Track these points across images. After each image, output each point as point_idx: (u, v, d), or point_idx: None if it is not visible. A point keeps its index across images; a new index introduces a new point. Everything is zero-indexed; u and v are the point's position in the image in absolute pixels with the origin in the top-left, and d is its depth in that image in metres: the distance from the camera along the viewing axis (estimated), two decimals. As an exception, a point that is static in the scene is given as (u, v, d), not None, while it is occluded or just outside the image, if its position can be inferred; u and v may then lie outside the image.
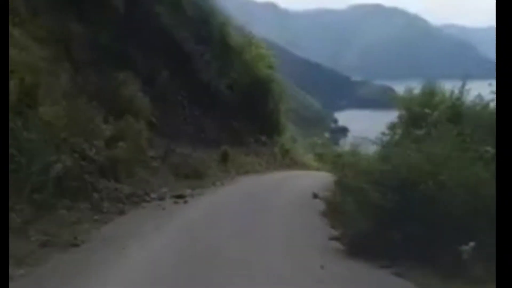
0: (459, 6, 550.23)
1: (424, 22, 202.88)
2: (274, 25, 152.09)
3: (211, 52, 19.20)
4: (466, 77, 10.39)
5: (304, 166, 21.49)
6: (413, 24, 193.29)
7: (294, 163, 21.12)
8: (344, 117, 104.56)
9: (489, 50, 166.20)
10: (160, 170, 11.99)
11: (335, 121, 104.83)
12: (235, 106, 19.60)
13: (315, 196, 11.26)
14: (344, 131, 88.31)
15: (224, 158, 16.22)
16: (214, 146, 16.53)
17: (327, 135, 60.22)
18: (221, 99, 18.78)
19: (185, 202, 10.31)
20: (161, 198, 10.34)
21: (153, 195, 10.32)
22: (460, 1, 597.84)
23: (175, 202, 10.13)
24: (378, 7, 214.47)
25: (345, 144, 38.97)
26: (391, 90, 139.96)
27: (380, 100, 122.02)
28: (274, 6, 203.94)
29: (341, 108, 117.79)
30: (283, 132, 23.64)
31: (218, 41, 20.11)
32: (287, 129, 24.76)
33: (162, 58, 16.53)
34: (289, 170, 18.95)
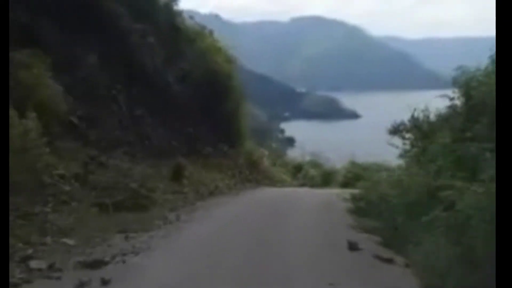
0: (398, 19, 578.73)
1: (363, 33, 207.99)
2: (218, 36, 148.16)
3: (155, 35, 14.63)
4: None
5: (277, 182, 17.25)
6: (352, 36, 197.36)
7: (264, 178, 16.82)
8: (290, 128, 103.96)
9: (427, 61, 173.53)
10: (74, 199, 7.07)
11: (282, 131, 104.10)
12: (188, 105, 15.08)
13: (352, 247, 6.40)
14: (291, 141, 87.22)
15: (178, 174, 11.69)
16: (163, 157, 12.13)
17: (274, 145, 58.17)
18: (170, 95, 14.22)
19: (105, 283, 4.81)
20: (53, 272, 4.98)
21: (36, 264, 4.98)
22: (398, 14, 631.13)
23: (81, 285, 4.67)
24: (318, 19, 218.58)
25: (295, 154, 36.29)
26: (334, 101, 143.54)
27: (324, 111, 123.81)
28: (217, 18, 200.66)
29: (287, 118, 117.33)
30: (245, 140, 19.30)
31: (164, 22, 15.58)
32: (248, 136, 20.43)
33: (88, 37, 12.02)
34: (262, 187, 14.67)
